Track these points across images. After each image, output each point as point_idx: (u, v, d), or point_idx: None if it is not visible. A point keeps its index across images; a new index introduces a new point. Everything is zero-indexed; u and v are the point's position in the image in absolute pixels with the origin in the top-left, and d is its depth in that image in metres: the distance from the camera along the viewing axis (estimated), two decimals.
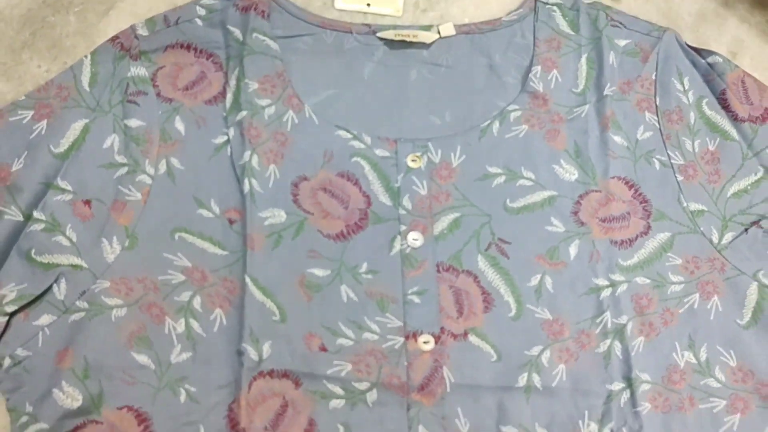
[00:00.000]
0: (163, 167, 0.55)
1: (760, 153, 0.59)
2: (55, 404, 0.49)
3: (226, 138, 0.56)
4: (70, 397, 0.49)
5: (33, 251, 0.51)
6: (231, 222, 0.55)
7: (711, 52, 0.61)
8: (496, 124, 0.58)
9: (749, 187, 0.58)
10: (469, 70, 0.61)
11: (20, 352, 0.50)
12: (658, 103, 0.60)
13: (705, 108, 0.60)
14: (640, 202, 0.57)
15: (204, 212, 0.55)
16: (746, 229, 0.57)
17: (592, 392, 0.52)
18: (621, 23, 0.61)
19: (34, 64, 0.60)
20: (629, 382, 0.53)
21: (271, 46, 0.59)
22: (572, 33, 0.61)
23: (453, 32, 0.61)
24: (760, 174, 0.58)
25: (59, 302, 0.51)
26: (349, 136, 0.57)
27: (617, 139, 0.58)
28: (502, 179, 0.57)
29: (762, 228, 0.57)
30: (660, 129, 0.59)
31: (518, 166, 0.58)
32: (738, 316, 0.55)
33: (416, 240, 0.55)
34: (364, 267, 0.54)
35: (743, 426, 0.53)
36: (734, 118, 0.59)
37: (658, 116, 0.59)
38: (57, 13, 0.61)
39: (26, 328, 0.51)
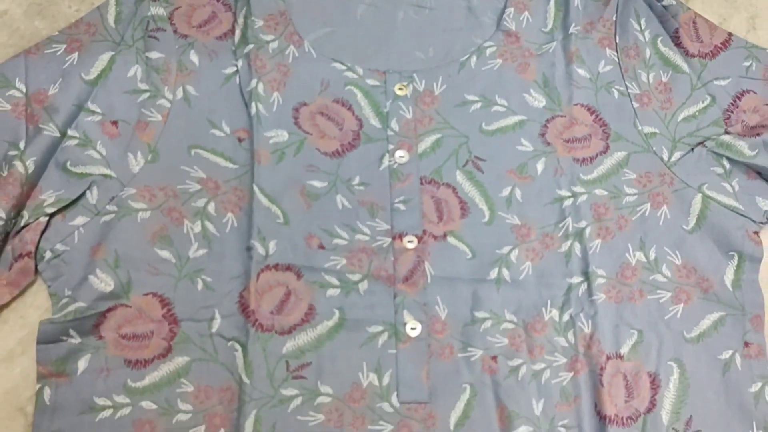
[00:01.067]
0: (180, 93, 0.63)
1: (708, 84, 0.66)
2: (90, 287, 0.57)
3: (234, 69, 0.64)
4: (103, 282, 0.57)
5: (68, 163, 0.59)
6: (240, 140, 0.62)
7: None
8: (474, 59, 0.66)
9: (697, 113, 0.66)
10: (449, 11, 0.68)
11: (59, 246, 0.58)
12: (617, 40, 0.67)
13: (659, 45, 0.67)
14: (600, 126, 0.65)
15: (216, 132, 0.62)
16: (692, 149, 0.64)
17: (554, 284, 0.60)
18: None
19: (65, 5, 0.68)
20: (587, 276, 0.60)
21: None
22: None
23: None
24: (707, 102, 0.66)
25: (92, 206, 0.59)
26: (344, 67, 0.65)
27: (581, 71, 0.66)
28: (478, 105, 0.65)
29: (706, 147, 0.64)
30: (619, 63, 0.67)
31: (492, 95, 0.65)
32: (684, 223, 0.63)
33: (402, 157, 0.63)
34: (357, 180, 0.62)
35: (685, 314, 0.60)
36: (685, 54, 0.67)
37: (617, 52, 0.67)
38: None
39: (63, 227, 0.58)
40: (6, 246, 0.57)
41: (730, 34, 0.68)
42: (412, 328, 0.58)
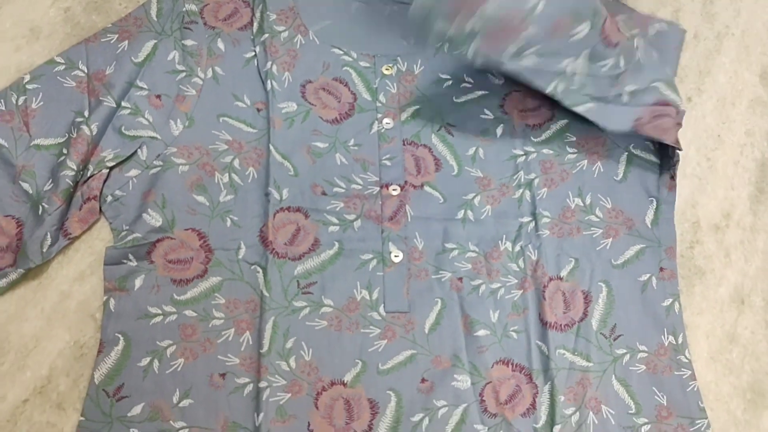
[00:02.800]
0: (210, 73, 0.78)
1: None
2: (144, 222, 0.71)
3: (253, 53, 0.79)
4: (153, 218, 0.71)
5: (123, 127, 0.73)
6: (258, 110, 0.77)
7: None
8: (447, 45, 0.81)
9: None
10: None
11: (118, 192, 0.72)
12: None
13: None
14: (548, 98, 0.79)
15: (239, 104, 0.77)
16: None
17: (509, 223, 0.74)
18: None
19: (117, 2, 0.82)
20: (534, 216, 0.75)
21: None
22: None
23: None
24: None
25: (142, 161, 0.73)
26: (341, 52, 0.80)
27: None
28: (450, 83, 0.80)
29: None
30: None
31: (461, 74, 0.80)
32: (614, 175, 0.77)
33: (389, 123, 0.77)
34: (352, 141, 0.76)
35: (613, 246, 0.74)
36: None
37: None
38: None
39: (121, 177, 0.72)
40: (77, 192, 0.71)
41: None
42: (395, 256, 0.72)
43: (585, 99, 0.73)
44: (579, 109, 0.73)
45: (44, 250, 0.68)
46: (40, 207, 0.69)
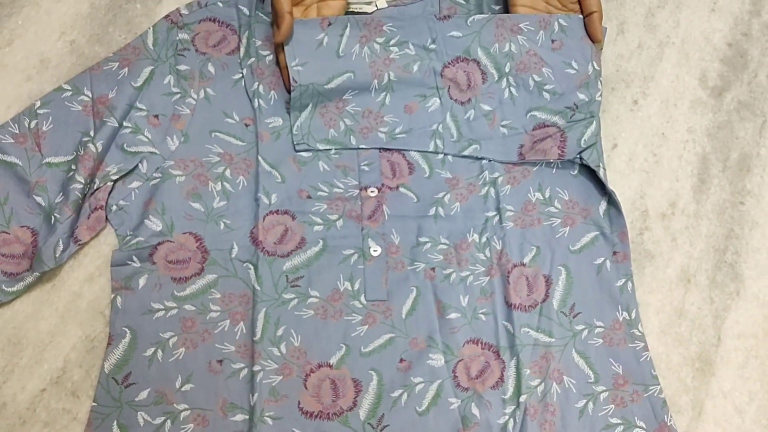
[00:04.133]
0: (202, 94, 0.85)
1: None
2: (146, 227, 0.78)
3: (240, 75, 0.86)
4: (154, 224, 0.78)
5: (125, 145, 0.80)
6: (246, 125, 0.84)
7: None
8: None
9: None
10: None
11: (122, 202, 0.79)
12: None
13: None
14: None
15: (229, 120, 0.84)
16: None
17: (476, 217, 0.81)
18: None
19: (117, 35, 0.89)
20: (499, 210, 0.81)
21: (267, 18, 0.89)
22: (464, 2, 0.91)
23: (386, 5, 0.91)
24: None
25: (143, 174, 0.80)
26: None
27: None
28: None
29: None
30: None
31: None
32: (571, 170, 0.84)
33: None
34: (333, 150, 0.84)
35: (571, 233, 0.81)
36: None
37: None
38: (129, 3, 0.91)
39: (124, 189, 0.79)
40: (85, 203, 0.78)
41: None
42: (374, 251, 0.79)
43: (466, 144, 0.83)
44: (466, 153, 0.83)
45: (57, 255, 0.76)
46: (53, 217, 0.77)
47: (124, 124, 0.81)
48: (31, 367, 0.75)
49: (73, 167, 0.78)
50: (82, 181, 0.77)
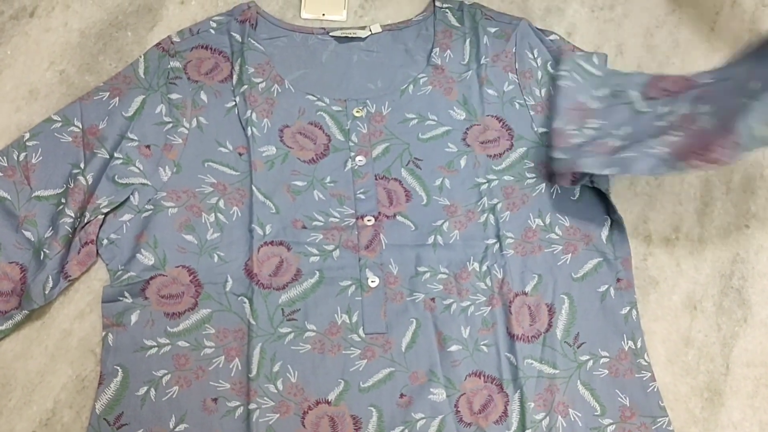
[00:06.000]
0: (194, 123, 0.84)
1: None
2: (138, 262, 0.76)
3: (233, 103, 0.85)
4: (146, 257, 0.77)
5: (116, 176, 0.79)
6: (240, 154, 0.83)
7: (552, 32, 0.91)
8: (411, 87, 0.88)
9: None
10: (391, 53, 0.89)
11: (113, 236, 0.77)
12: (517, 67, 0.89)
13: (548, 68, 0.89)
14: (506, 130, 0.86)
15: (222, 149, 0.83)
16: None
17: (476, 245, 0.80)
18: (491, 16, 0.91)
19: (107, 63, 0.89)
20: (499, 238, 0.80)
21: (260, 45, 0.88)
22: (459, 26, 0.91)
23: (380, 30, 0.91)
24: None
25: (135, 206, 0.78)
26: (315, 98, 0.86)
27: (490, 91, 0.87)
28: (415, 121, 0.86)
29: None
30: (518, 83, 0.88)
31: (426, 112, 0.86)
32: (571, 195, 0.83)
33: (361, 161, 0.84)
34: (328, 179, 0.82)
35: (573, 261, 0.80)
36: None
37: (517, 75, 0.89)
38: (119, 31, 0.90)
39: (115, 222, 0.78)
40: (75, 237, 0.76)
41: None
42: (372, 282, 0.77)
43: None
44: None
45: (46, 292, 0.74)
46: (42, 253, 0.75)
47: (115, 155, 0.80)
48: (20, 409, 0.73)
49: (63, 200, 0.77)
50: (72, 214, 0.76)
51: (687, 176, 0.87)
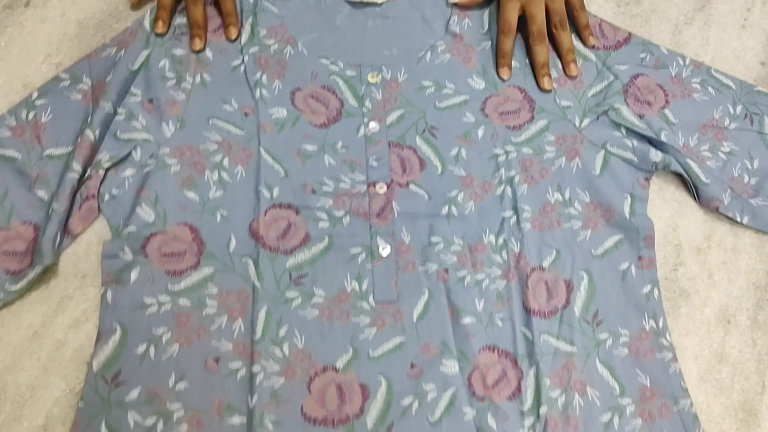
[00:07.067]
0: (198, 79, 0.80)
1: (612, 67, 0.86)
2: (138, 217, 0.73)
3: (239, 62, 0.82)
4: (146, 213, 0.73)
5: (118, 132, 0.76)
6: (246, 114, 0.79)
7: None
8: (428, 54, 0.85)
9: (603, 89, 0.84)
10: (408, 20, 0.87)
11: (114, 191, 0.74)
12: None
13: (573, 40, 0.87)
14: (528, 102, 0.84)
15: (227, 107, 0.79)
16: (598, 117, 0.83)
17: (492, 218, 0.77)
18: None
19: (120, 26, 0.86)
20: (516, 211, 0.77)
21: (273, 7, 0.85)
22: None
23: None
24: (611, 80, 0.85)
25: (137, 161, 0.75)
26: (328, 62, 0.84)
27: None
28: (432, 89, 0.83)
29: (608, 117, 0.83)
30: None
31: (443, 80, 0.84)
32: (592, 169, 0.80)
33: (374, 127, 0.81)
34: (340, 144, 0.79)
35: (593, 237, 0.77)
36: (592, 47, 0.87)
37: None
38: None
39: (117, 177, 0.75)
40: (77, 192, 0.74)
41: (630, 33, 0.88)
42: (383, 249, 0.74)
43: None
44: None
45: (56, 247, 0.71)
46: (51, 209, 0.72)
47: (118, 110, 0.78)
48: (10, 425, 0.67)
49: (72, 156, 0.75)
50: (79, 169, 0.74)
51: None
